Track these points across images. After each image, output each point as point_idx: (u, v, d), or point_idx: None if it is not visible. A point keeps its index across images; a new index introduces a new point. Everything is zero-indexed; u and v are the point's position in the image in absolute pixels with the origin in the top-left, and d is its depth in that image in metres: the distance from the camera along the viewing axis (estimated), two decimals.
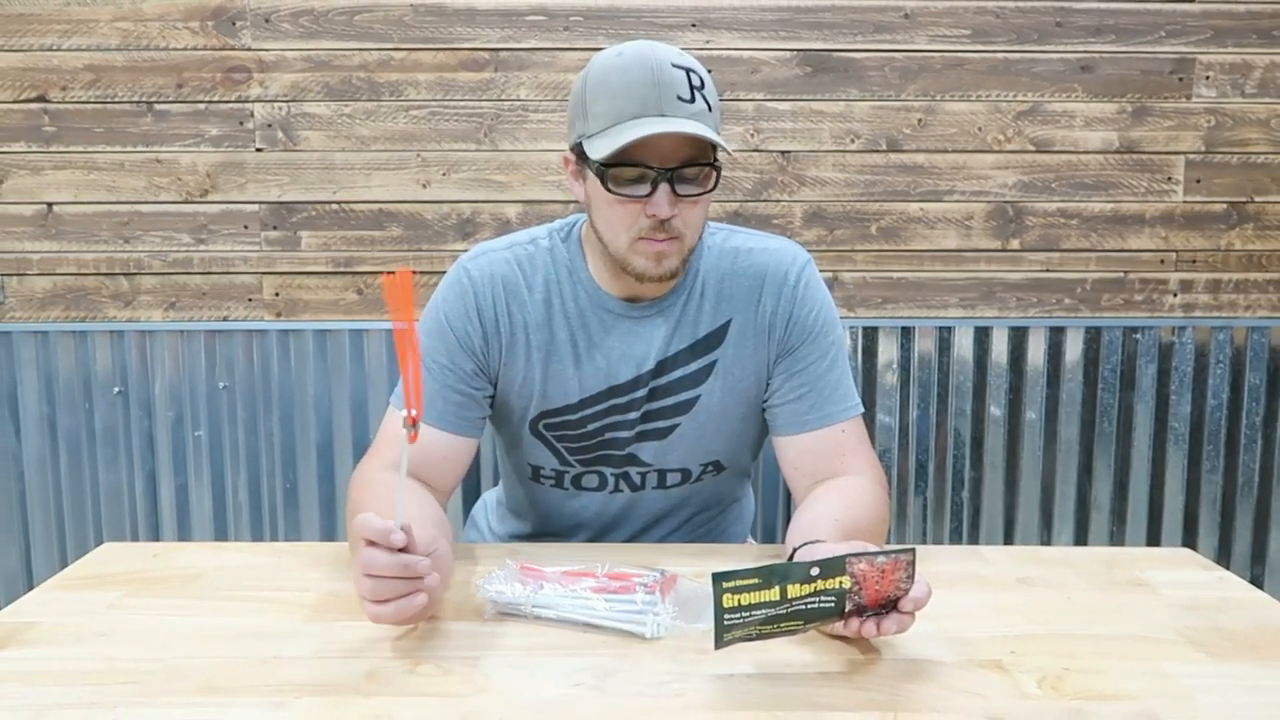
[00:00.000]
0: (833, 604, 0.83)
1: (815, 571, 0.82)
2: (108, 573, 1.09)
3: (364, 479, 1.12)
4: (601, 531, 1.30)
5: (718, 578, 0.79)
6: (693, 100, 1.04)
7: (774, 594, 0.81)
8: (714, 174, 1.08)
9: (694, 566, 1.08)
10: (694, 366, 1.19)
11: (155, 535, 2.21)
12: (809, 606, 0.83)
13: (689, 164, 1.05)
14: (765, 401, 1.22)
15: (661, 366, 1.19)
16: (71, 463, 2.19)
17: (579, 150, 1.10)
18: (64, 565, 1.67)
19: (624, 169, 1.05)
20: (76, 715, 0.77)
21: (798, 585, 0.81)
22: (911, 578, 0.85)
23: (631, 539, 1.30)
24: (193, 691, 0.81)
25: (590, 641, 0.92)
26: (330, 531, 2.22)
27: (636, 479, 1.25)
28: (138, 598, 1.02)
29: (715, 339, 1.19)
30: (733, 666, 0.85)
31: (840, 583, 0.82)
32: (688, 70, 1.05)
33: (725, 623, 0.80)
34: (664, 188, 1.05)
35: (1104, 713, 0.79)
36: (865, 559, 0.82)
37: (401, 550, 0.85)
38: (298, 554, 1.16)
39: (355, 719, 0.77)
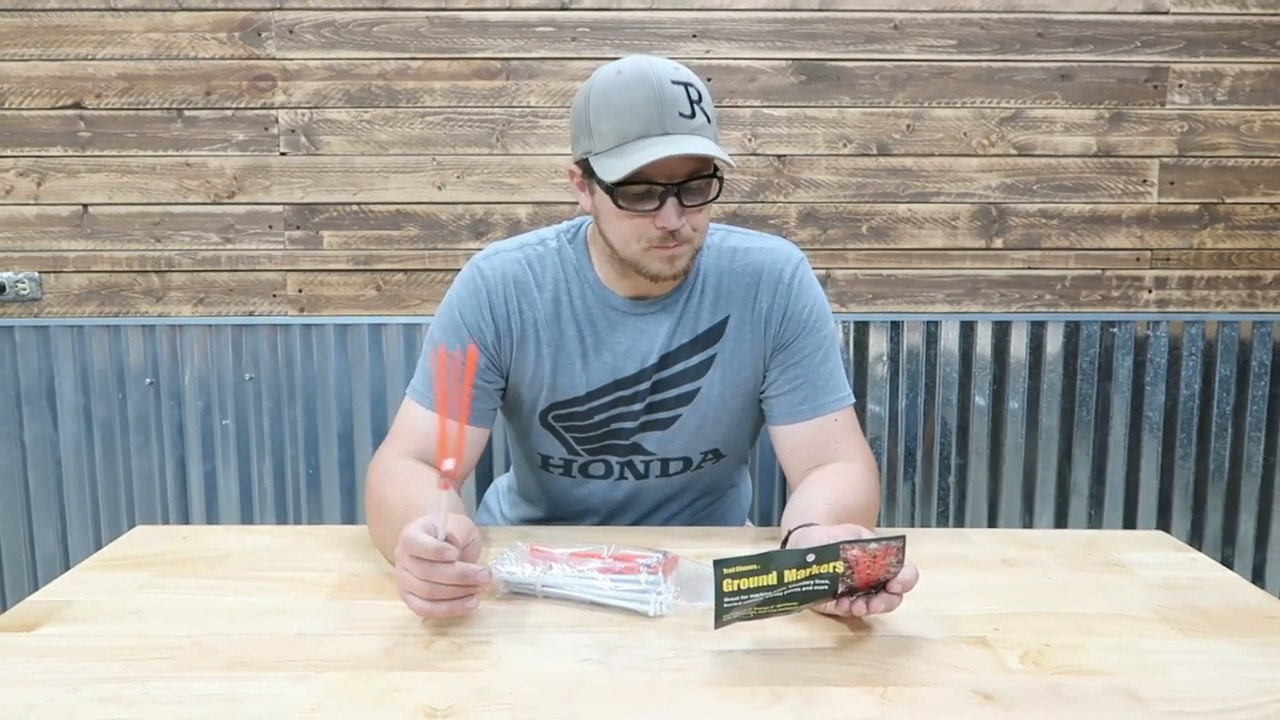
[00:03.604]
0: (826, 587, 0.83)
1: (811, 557, 0.81)
2: (140, 554, 1.09)
3: (383, 466, 1.11)
4: (608, 516, 1.30)
5: (719, 564, 0.79)
6: (693, 115, 1.03)
7: (771, 578, 0.80)
8: (717, 183, 1.07)
9: (695, 548, 1.08)
10: (695, 360, 1.19)
11: (185, 518, 2.21)
12: (804, 589, 0.82)
13: (694, 177, 1.05)
14: (762, 393, 1.22)
15: (664, 360, 1.18)
16: (106, 450, 2.19)
17: (585, 165, 1.09)
18: (99, 547, 1.67)
19: (633, 186, 1.04)
20: (110, 689, 0.77)
21: (794, 570, 0.81)
22: (901, 562, 0.85)
23: (636, 523, 1.30)
24: (220, 666, 0.81)
25: (596, 619, 0.91)
26: (351, 515, 2.22)
27: (640, 468, 1.25)
28: (168, 578, 1.02)
29: (715, 334, 1.19)
30: (732, 643, 0.85)
31: (834, 567, 0.82)
32: (686, 85, 1.04)
33: (725, 605, 0.80)
34: (671, 201, 1.04)
35: (1083, 686, 0.79)
36: (858, 545, 0.82)
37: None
38: (320, 536, 1.16)
39: (374, 693, 0.77)
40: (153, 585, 1.00)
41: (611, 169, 1.03)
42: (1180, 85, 2.15)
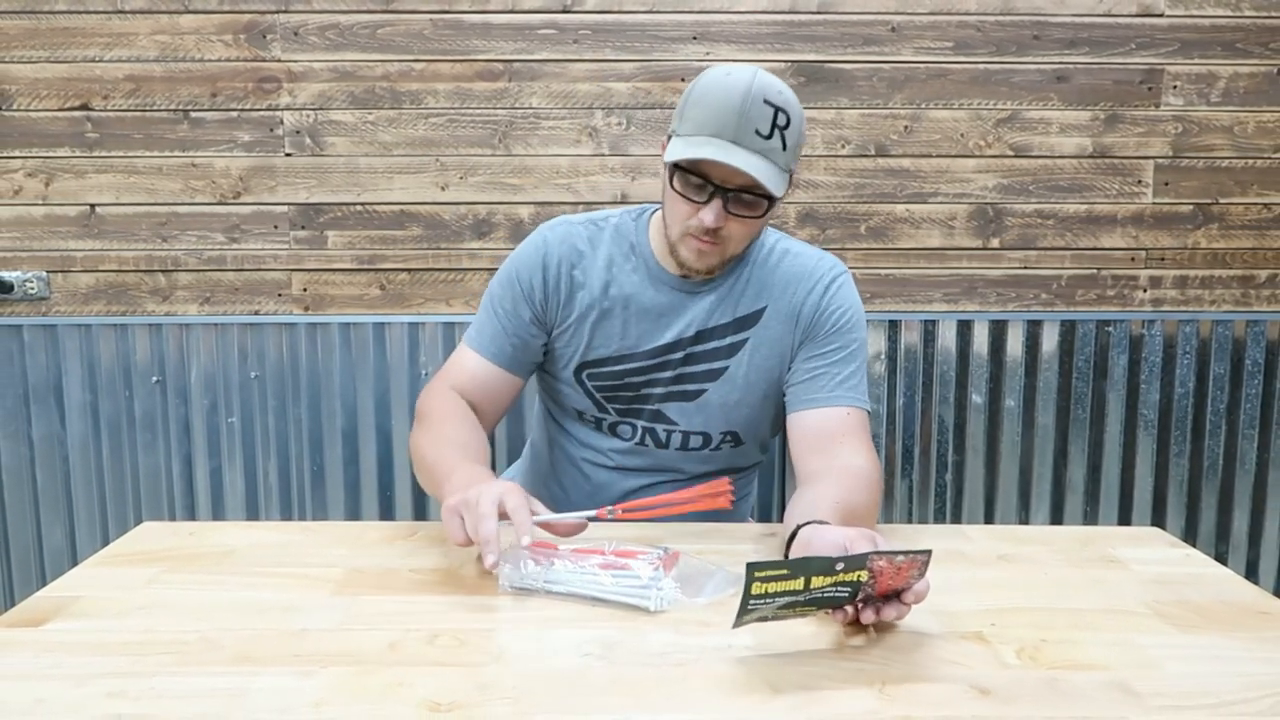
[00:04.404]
0: (847, 593, 0.83)
1: (840, 566, 0.80)
2: (147, 550, 1.09)
3: (440, 388, 1.24)
4: (622, 475, 1.33)
5: (752, 566, 0.78)
6: (770, 137, 1.08)
7: (799, 583, 0.80)
8: (766, 203, 1.12)
9: (695, 545, 1.08)
10: (728, 340, 1.25)
11: (191, 515, 2.21)
12: (825, 595, 0.82)
13: (745, 190, 1.10)
14: (784, 384, 1.26)
15: (700, 335, 1.24)
16: (113, 447, 2.19)
17: (669, 139, 1.15)
18: (106, 543, 1.67)
19: (689, 175, 1.11)
20: (117, 683, 0.77)
21: (821, 577, 0.80)
22: (923, 575, 0.84)
23: (647, 487, 1.33)
24: (226, 661, 0.81)
25: (598, 615, 0.91)
26: (354, 511, 2.22)
27: (662, 436, 1.29)
28: (175, 573, 1.02)
29: (751, 320, 1.25)
30: (732, 639, 0.85)
31: (859, 576, 0.81)
32: (778, 109, 1.08)
33: (749, 606, 0.79)
34: (717, 202, 1.11)
35: (1078, 681, 0.79)
36: (885, 556, 0.81)
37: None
38: (324, 532, 1.16)
39: (378, 687, 0.77)
40: (159, 581, 1.00)
41: (676, 149, 1.11)
42: (1175, 87, 2.15)
